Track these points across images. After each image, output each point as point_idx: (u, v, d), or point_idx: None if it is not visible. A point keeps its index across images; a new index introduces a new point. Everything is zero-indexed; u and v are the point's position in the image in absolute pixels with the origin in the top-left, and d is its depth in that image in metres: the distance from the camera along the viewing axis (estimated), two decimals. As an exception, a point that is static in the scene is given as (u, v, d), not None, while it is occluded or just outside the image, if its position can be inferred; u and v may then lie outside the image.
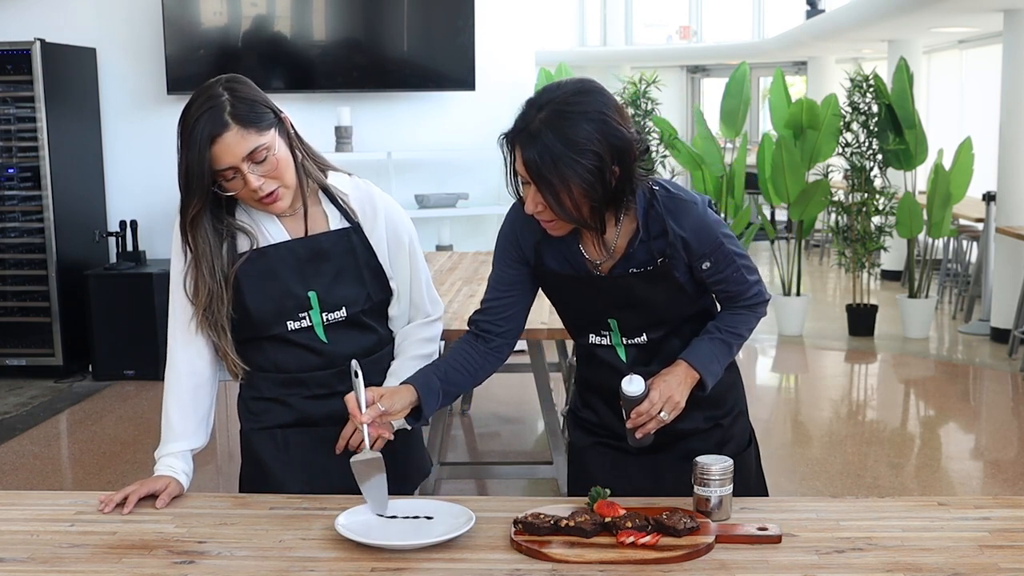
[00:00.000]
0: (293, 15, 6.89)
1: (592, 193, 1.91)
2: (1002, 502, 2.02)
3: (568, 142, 1.88)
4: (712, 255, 2.06)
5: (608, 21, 16.18)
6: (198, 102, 2.06)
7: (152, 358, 6.41)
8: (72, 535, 1.91)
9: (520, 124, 1.95)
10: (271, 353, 2.20)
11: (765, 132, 8.38)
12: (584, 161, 1.88)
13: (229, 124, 2.03)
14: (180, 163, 2.07)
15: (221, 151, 2.03)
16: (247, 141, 2.04)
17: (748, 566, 1.75)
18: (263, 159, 2.06)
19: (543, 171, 1.89)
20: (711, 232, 2.05)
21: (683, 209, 2.04)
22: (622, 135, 1.92)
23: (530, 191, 1.95)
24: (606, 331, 2.15)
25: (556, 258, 2.11)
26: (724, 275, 2.09)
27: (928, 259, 8.13)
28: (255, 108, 2.07)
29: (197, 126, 2.02)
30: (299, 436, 2.22)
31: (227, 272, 2.12)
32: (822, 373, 7.16)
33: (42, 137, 6.43)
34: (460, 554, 1.80)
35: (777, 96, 7.82)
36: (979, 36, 9.85)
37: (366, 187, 2.26)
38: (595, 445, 2.25)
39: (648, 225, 2.04)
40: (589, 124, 1.89)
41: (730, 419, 2.24)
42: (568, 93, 1.93)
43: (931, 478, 4.91)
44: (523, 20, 7.35)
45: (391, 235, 2.25)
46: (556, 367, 5.84)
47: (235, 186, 2.07)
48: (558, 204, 1.92)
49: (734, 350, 2.14)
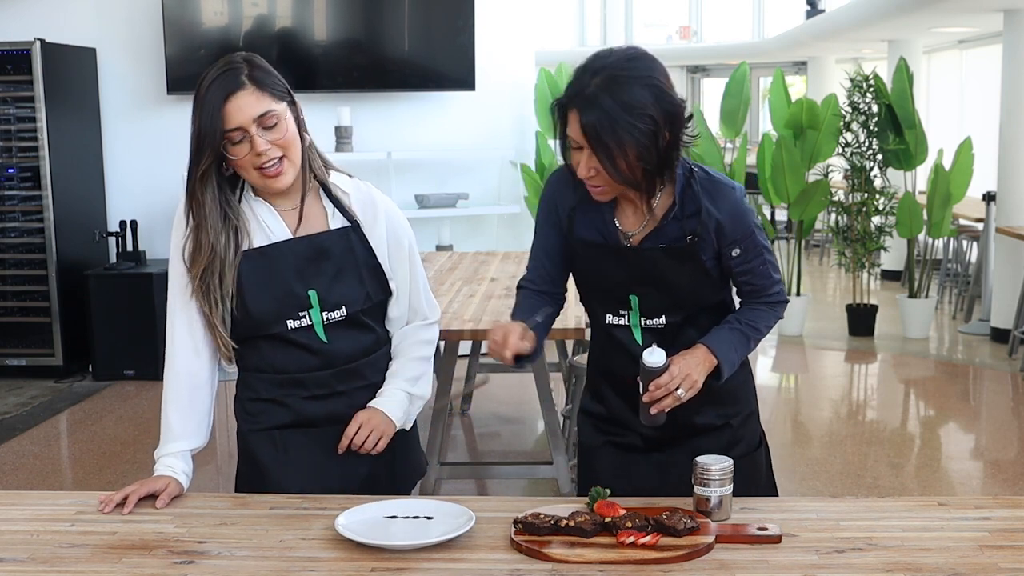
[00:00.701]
0: (293, 15, 6.89)
1: (646, 155, 1.96)
2: (1002, 502, 2.02)
3: (625, 106, 1.93)
4: (743, 242, 2.10)
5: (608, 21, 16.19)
6: (216, 67, 2.09)
7: (152, 358, 6.41)
8: (72, 535, 1.91)
9: (575, 89, 1.98)
10: (268, 354, 2.20)
11: (765, 132, 8.38)
12: (640, 124, 1.93)
13: (245, 84, 2.06)
14: (193, 124, 2.07)
15: (234, 108, 2.04)
16: (260, 103, 2.06)
17: (748, 566, 1.75)
18: (273, 125, 2.07)
19: (601, 134, 1.93)
20: (745, 219, 2.10)
21: (721, 192, 2.09)
22: (673, 100, 1.98)
23: (583, 155, 1.99)
24: (625, 310, 2.17)
25: (588, 227, 2.15)
26: (751, 266, 2.13)
27: (928, 259, 8.14)
28: (271, 77, 2.11)
29: (213, 85, 2.05)
30: (297, 437, 2.22)
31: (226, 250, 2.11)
32: (822, 373, 7.16)
33: (42, 137, 6.43)
34: (460, 554, 1.80)
35: (777, 96, 7.82)
36: (979, 36, 9.85)
37: (367, 189, 2.26)
38: (605, 445, 2.26)
39: (684, 202, 2.08)
40: (643, 89, 1.94)
41: (740, 419, 2.24)
42: (621, 59, 1.98)
43: (931, 478, 4.91)
44: (523, 20, 7.35)
45: (391, 238, 2.25)
46: (556, 367, 5.84)
47: (241, 150, 2.06)
48: (613, 167, 1.95)
49: (751, 344, 2.16)
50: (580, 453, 2.35)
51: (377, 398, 2.24)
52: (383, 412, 2.21)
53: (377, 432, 2.18)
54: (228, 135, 2.05)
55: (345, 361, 2.21)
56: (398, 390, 2.25)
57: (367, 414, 2.20)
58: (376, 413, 2.20)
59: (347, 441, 2.17)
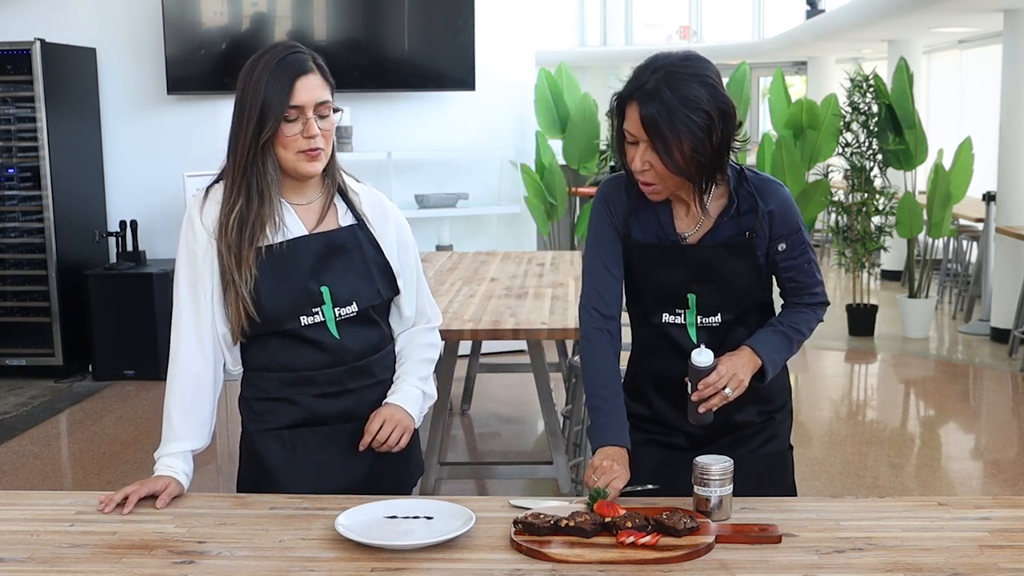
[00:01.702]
0: (293, 15, 6.89)
1: (701, 148, 2.04)
2: (1002, 502, 2.02)
3: (684, 100, 2.02)
4: (790, 238, 2.18)
5: (608, 21, 16.19)
6: (279, 48, 2.14)
7: (152, 358, 6.41)
8: (72, 535, 1.91)
9: (635, 84, 2.07)
10: (278, 352, 2.20)
11: (765, 132, 8.38)
12: (696, 118, 2.02)
13: (314, 69, 2.13)
14: (251, 99, 2.09)
15: (302, 87, 2.10)
16: (324, 91, 2.13)
17: (748, 566, 1.75)
18: (326, 115, 2.14)
19: (660, 125, 2.02)
20: (793, 214, 2.19)
21: (771, 188, 2.18)
22: (727, 100, 2.07)
23: (639, 149, 2.06)
24: (682, 309, 2.21)
25: (644, 230, 2.20)
26: (796, 262, 2.21)
27: (928, 259, 8.14)
28: (328, 75, 2.18)
29: (285, 61, 2.10)
30: (307, 436, 2.22)
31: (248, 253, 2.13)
32: (822, 373, 7.16)
33: (42, 137, 6.43)
34: (460, 554, 1.80)
35: (777, 96, 7.82)
36: (979, 36, 9.85)
37: (378, 195, 2.32)
38: (646, 443, 2.27)
39: (739, 199, 2.15)
40: (700, 85, 2.04)
41: (782, 414, 2.30)
42: (679, 58, 2.08)
43: (931, 478, 4.91)
44: (523, 20, 7.35)
45: (400, 243, 2.30)
46: (556, 367, 5.84)
47: (291, 129, 2.10)
48: (669, 158, 2.03)
49: (794, 346, 2.23)
50: None
51: (394, 395, 2.25)
52: (403, 408, 2.22)
53: (400, 428, 2.20)
54: (287, 111, 2.09)
55: (356, 358, 2.22)
56: (413, 387, 2.27)
57: (389, 411, 2.21)
58: (397, 409, 2.22)
59: (370, 438, 2.17)
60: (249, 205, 2.13)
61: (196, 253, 2.16)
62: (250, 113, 2.10)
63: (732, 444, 2.19)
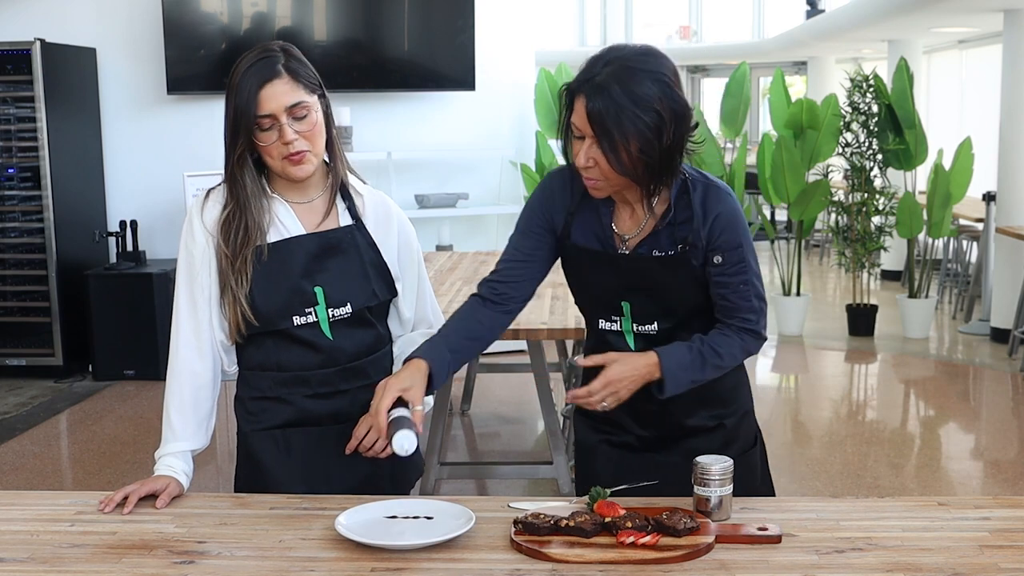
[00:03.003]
0: (293, 15, 6.89)
1: (649, 150, 1.94)
2: (1002, 502, 2.02)
3: (633, 96, 1.92)
4: (727, 252, 2.05)
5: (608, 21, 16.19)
6: (253, 54, 2.13)
7: (152, 358, 6.41)
8: (72, 535, 1.91)
9: (585, 76, 1.97)
10: (272, 351, 2.20)
11: (765, 132, 8.38)
12: (646, 117, 1.92)
13: (280, 73, 2.10)
14: (228, 109, 2.11)
15: (268, 95, 2.08)
16: (294, 93, 2.09)
17: (748, 566, 1.75)
18: (303, 116, 2.10)
19: (606, 122, 1.92)
20: (736, 229, 2.06)
21: (716, 196, 2.07)
22: (680, 100, 1.97)
23: (584, 144, 1.98)
24: (618, 316, 2.16)
25: (584, 232, 2.13)
26: (730, 280, 2.08)
27: (928, 259, 8.13)
28: (305, 69, 2.14)
29: (250, 70, 2.09)
30: (300, 436, 2.22)
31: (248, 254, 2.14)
32: (822, 373, 7.16)
33: (42, 137, 6.43)
34: (460, 554, 1.80)
35: (777, 96, 7.82)
36: (979, 36, 9.85)
37: (382, 197, 2.30)
38: (601, 443, 2.25)
39: (678, 209, 2.06)
40: (653, 83, 1.94)
41: (735, 419, 2.23)
42: (634, 52, 1.98)
43: (931, 478, 4.91)
44: (523, 20, 7.35)
45: (403, 245, 2.29)
46: (556, 367, 5.84)
47: (269, 137, 2.10)
48: (616, 158, 1.94)
49: (707, 370, 2.08)
50: (577, 452, 2.35)
51: None
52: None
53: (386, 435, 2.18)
54: (259, 120, 2.08)
55: (349, 359, 2.21)
56: None
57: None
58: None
59: (356, 443, 2.16)
60: (239, 209, 2.14)
61: (194, 254, 2.17)
62: (227, 124, 2.12)
63: (689, 449, 2.09)
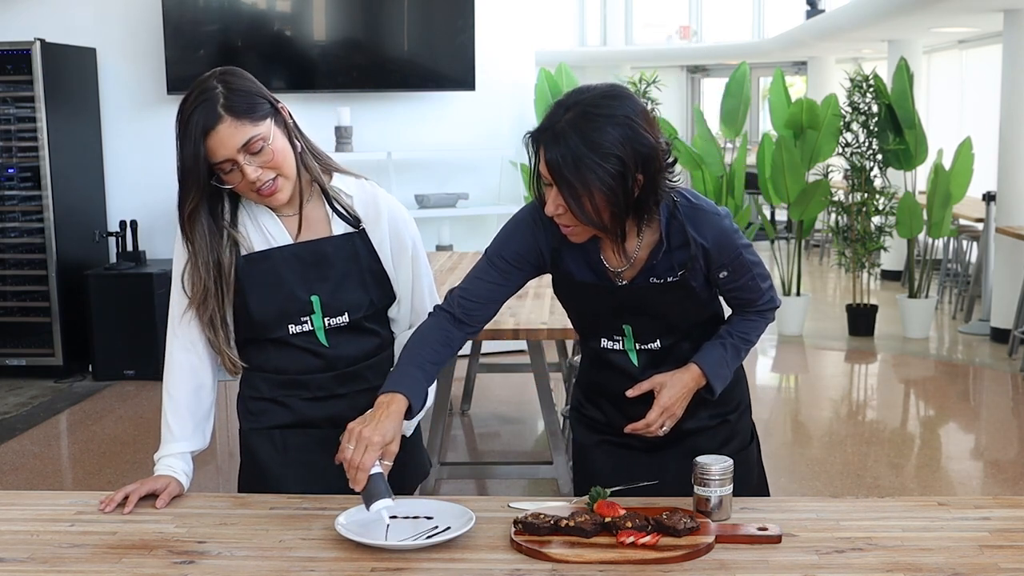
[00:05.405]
0: (293, 15, 6.89)
1: (613, 199, 1.88)
2: (1002, 502, 2.02)
3: (592, 145, 1.85)
4: (730, 265, 2.07)
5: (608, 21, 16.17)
6: (192, 96, 2.05)
7: (152, 358, 6.41)
8: (72, 535, 1.91)
9: (546, 123, 1.92)
10: (272, 354, 2.20)
11: (765, 132, 8.38)
12: (607, 165, 1.85)
13: (222, 116, 2.01)
14: (177, 160, 2.07)
15: (215, 144, 2.02)
16: (241, 132, 2.02)
17: (748, 566, 1.75)
18: (259, 150, 2.04)
19: (565, 172, 1.87)
20: (731, 242, 2.06)
21: (704, 219, 2.04)
22: (648, 142, 1.89)
23: (552, 192, 1.92)
24: (619, 336, 2.15)
25: (577, 264, 2.09)
26: (740, 283, 2.12)
27: (928, 259, 8.13)
28: (249, 99, 2.05)
29: (191, 120, 2.02)
30: (298, 438, 2.22)
31: (227, 270, 2.11)
32: (822, 373, 7.16)
33: (42, 137, 6.43)
34: (460, 554, 1.80)
35: (777, 96, 7.82)
36: (979, 36, 9.85)
37: (371, 189, 2.24)
38: (600, 444, 2.25)
39: (670, 236, 2.03)
40: (615, 128, 1.86)
41: (736, 415, 2.25)
42: (597, 96, 1.90)
43: (931, 478, 4.91)
44: (523, 20, 7.35)
45: (393, 238, 2.23)
46: (556, 367, 5.84)
47: (233, 179, 2.06)
48: (579, 208, 1.89)
49: (743, 355, 2.17)
50: (575, 452, 2.34)
51: None
52: None
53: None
54: (218, 167, 2.04)
55: (347, 364, 2.20)
56: None
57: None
58: None
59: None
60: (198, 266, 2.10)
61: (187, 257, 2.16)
62: (178, 176, 2.07)
63: (691, 448, 2.11)
